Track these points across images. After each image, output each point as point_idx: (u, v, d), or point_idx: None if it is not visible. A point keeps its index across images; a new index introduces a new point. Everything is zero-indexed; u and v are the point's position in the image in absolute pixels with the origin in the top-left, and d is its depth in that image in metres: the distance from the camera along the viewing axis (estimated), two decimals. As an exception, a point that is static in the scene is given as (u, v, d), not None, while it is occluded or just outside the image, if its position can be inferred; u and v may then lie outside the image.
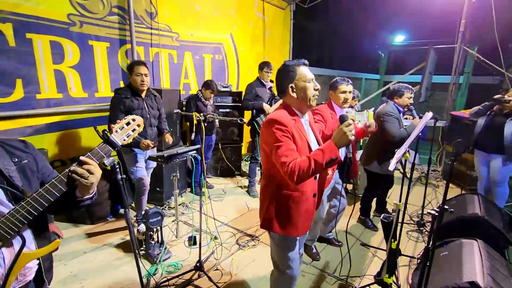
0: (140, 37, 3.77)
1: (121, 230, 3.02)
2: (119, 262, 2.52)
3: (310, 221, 1.64)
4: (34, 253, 1.00)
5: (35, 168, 1.08)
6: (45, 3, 2.91)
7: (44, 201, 0.94)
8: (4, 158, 1.00)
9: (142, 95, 2.70)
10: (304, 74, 1.48)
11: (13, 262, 0.93)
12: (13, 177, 0.98)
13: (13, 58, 2.78)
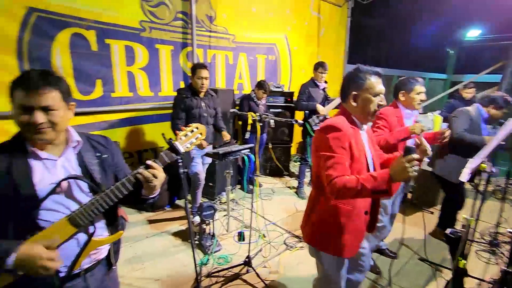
0: (200, 40, 4.00)
1: (177, 219, 3.25)
2: (175, 249, 2.72)
3: (360, 241, 1.51)
4: (102, 240, 1.12)
5: (112, 163, 1.19)
6: (122, 12, 3.27)
7: (114, 196, 1.05)
8: (88, 152, 1.13)
9: (201, 95, 2.87)
10: (373, 86, 1.36)
11: (84, 246, 1.06)
12: (94, 171, 1.10)
13: (94, 61, 3.19)
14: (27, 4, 2.71)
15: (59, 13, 2.88)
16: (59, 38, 2.92)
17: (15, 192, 0.95)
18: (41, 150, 1.02)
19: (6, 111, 2.71)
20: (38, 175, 1.00)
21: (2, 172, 0.95)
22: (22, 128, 0.98)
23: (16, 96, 0.95)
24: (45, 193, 0.98)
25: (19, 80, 0.96)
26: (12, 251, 0.88)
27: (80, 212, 1.01)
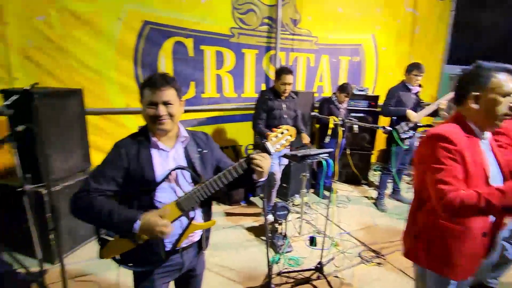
0: (283, 43, 4.09)
1: (251, 215, 3.40)
2: (248, 243, 2.86)
3: (477, 265, 1.31)
4: (199, 225, 1.28)
5: (211, 158, 1.34)
6: (216, 20, 3.59)
7: (220, 183, 1.19)
8: (192, 147, 1.29)
9: (282, 97, 2.93)
10: (501, 85, 1.16)
11: (185, 228, 1.23)
12: (195, 163, 1.26)
13: (191, 65, 3.59)
14: (143, 18, 3.22)
15: (167, 24, 3.35)
16: (164, 46, 3.39)
17: (141, 174, 1.16)
18: (159, 142, 1.22)
19: (123, 107, 3.32)
20: (157, 162, 1.20)
21: (134, 156, 1.17)
22: (148, 120, 1.19)
23: (145, 94, 1.18)
24: (161, 178, 1.17)
25: (147, 82, 1.19)
26: (138, 218, 1.08)
27: (186, 198, 1.18)
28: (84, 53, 3.02)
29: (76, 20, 2.92)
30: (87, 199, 1.11)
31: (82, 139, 2.67)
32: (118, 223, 1.08)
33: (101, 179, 1.14)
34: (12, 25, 2.68)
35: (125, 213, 1.10)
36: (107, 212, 1.08)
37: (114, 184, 1.16)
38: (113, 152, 1.19)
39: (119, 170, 1.16)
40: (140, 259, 1.20)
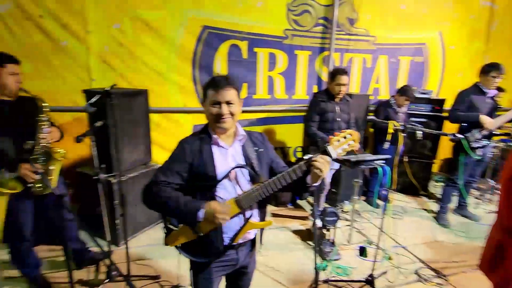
0: (338, 44, 3.96)
1: (298, 218, 3.36)
2: (294, 246, 2.83)
3: None
4: (256, 224, 1.32)
5: (266, 157, 1.38)
6: (270, 22, 3.64)
7: (279, 184, 1.21)
8: (249, 145, 1.34)
9: (336, 99, 2.84)
10: None
11: (243, 225, 1.27)
12: (253, 162, 1.30)
13: (244, 67, 3.68)
14: (203, 23, 3.41)
15: (224, 28, 3.49)
16: (221, 49, 3.53)
17: (204, 170, 1.24)
18: (219, 139, 1.29)
19: (180, 107, 3.55)
20: (217, 159, 1.27)
21: (197, 152, 1.26)
22: (211, 118, 1.27)
23: (209, 94, 1.25)
24: (221, 175, 1.23)
25: (211, 83, 1.26)
26: (202, 206, 1.17)
27: (245, 196, 1.22)
28: (150, 57, 3.30)
29: (145, 27, 3.21)
30: (156, 189, 1.22)
31: (146, 135, 2.93)
32: (184, 211, 1.17)
33: (168, 172, 1.24)
34: (93, 33, 3.06)
35: (190, 202, 1.19)
36: (174, 201, 1.18)
37: (179, 178, 1.25)
38: (178, 148, 1.28)
39: (184, 165, 1.24)
40: (200, 250, 1.28)
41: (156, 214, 3.04)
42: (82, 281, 2.27)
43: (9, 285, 2.16)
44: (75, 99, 3.11)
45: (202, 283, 1.36)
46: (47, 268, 2.33)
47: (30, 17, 2.86)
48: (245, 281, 1.52)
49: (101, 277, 2.27)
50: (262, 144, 1.39)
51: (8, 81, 1.79)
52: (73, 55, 3.04)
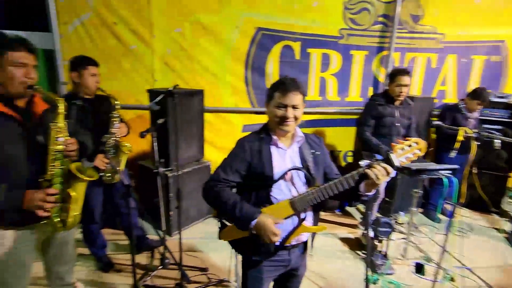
0: (398, 43, 3.69)
1: (346, 226, 3.22)
2: (341, 254, 2.72)
3: None
4: (309, 227, 1.31)
5: (322, 160, 1.37)
6: (325, 22, 3.54)
7: (335, 189, 1.20)
8: (306, 148, 1.34)
9: (396, 103, 2.65)
10: None
11: (296, 227, 1.27)
12: (309, 164, 1.30)
13: (296, 68, 3.64)
14: (257, 25, 3.46)
15: (277, 30, 3.49)
16: (273, 50, 3.55)
17: (261, 169, 1.26)
18: (279, 141, 1.31)
19: (232, 107, 3.65)
20: (275, 159, 1.29)
21: (256, 152, 1.29)
22: (274, 120, 1.28)
23: (275, 96, 1.28)
24: (278, 176, 1.24)
25: (278, 85, 1.28)
26: (256, 217, 1.19)
27: (300, 198, 1.22)
28: (206, 58, 3.46)
29: (203, 31, 3.37)
30: (217, 189, 1.27)
31: (200, 134, 3.08)
32: (239, 217, 1.21)
33: (228, 170, 1.28)
34: (157, 37, 3.32)
35: (246, 209, 1.21)
36: (231, 204, 1.22)
37: (238, 176, 1.29)
38: (238, 147, 1.32)
39: (244, 163, 1.28)
40: (252, 248, 1.31)
41: (206, 209, 3.20)
42: (139, 264, 2.47)
43: (80, 261, 2.45)
44: (139, 98, 3.41)
45: (252, 281, 1.38)
46: (110, 249, 2.59)
47: (106, 24, 3.20)
48: (295, 283, 1.51)
49: (156, 263, 2.45)
50: (319, 147, 1.39)
51: (89, 81, 2.03)
52: (140, 57, 3.33)
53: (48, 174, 1.30)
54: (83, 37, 3.22)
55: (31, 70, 1.30)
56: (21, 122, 1.29)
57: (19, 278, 1.40)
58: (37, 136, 1.33)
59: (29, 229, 1.38)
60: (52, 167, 1.30)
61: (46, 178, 1.30)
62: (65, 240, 1.64)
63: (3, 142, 1.22)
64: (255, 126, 3.77)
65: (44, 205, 1.26)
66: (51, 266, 1.64)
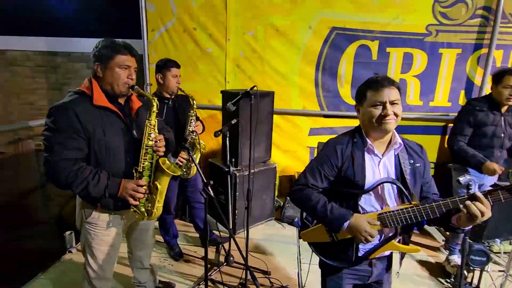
0: (502, 39, 3.12)
1: (425, 247, 2.85)
2: (420, 280, 2.41)
3: None
4: (398, 246, 1.21)
5: (422, 172, 1.21)
6: (410, 18, 3.20)
7: (426, 214, 1.08)
8: (405, 158, 1.20)
9: (503, 109, 2.22)
10: None
11: (383, 243, 1.18)
12: (406, 177, 1.16)
13: (372, 69, 3.37)
14: (332, 25, 3.31)
15: (353, 28, 3.29)
16: (348, 50, 3.35)
17: (352, 177, 1.17)
18: (374, 147, 1.19)
19: (300, 109, 3.57)
20: (368, 168, 1.19)
21: (348, 156, 1.19)
22: (370, 122, 1.16)
23: (368, 95, 1.17)
24: (369, 186, 1.15)
25: (370, 84, 1.18)
26: (349, 217, 1.13)
27: (392, 215, 1.11)
28: (276, 60, 3.46)
29: (275, 32, 3.38)
30: (306, 192, 1.22)
31: (268, 135, 3.08)
32: (331, 218, 1.15)
33: (317, 175, 1.22)
34: (231, 40, 3.44)
35: (338, 210, 1.16)
36: (322, 206, 1.17)
37: (327, 181, 1.23)
38: (329, 149, 1.23)
39: (333, 168, 1.21)
40: (332, 254, 1.27)
41: (268, 211, 3.18)
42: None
43: (155, 248, 2.66)
44: (210, 98, 3.59)
45: (330, 286, 1.33)
46: (180, 240, 2.75)
47: (187, 29, 3.46)
48: None
49: (221, 259, 2.52)
50: (420, 158, 1.23)
51: (171, 82, 2.19)
52: (215, 60, 3.51)
53: (140, 167, 1.42)
54: (167, 43, 3.53)
55: (133, 72, 1.44)
56: (122, 117, 1.44)
57: (108, 256, 1.57)
58: (134, 131, 1.47)
59: (119, 215, 1.54)
60: (143, 160, 1.42)
61: (138, 170, 1.42)
62: (146, 227, 1.78)
63: (109, 134, 1.38)
64: (322, 130, 3.65)
65: (135, 194, 1.38)
66: (133, 249, 1.81)
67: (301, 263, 2.51)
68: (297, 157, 3.68)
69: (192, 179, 2.39)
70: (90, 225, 1.48)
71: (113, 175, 1.40)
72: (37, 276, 2.26)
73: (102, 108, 1.39)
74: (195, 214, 2.59)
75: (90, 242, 1.49)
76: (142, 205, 1.46)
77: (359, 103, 1.21)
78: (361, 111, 1.21)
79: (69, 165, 1.30)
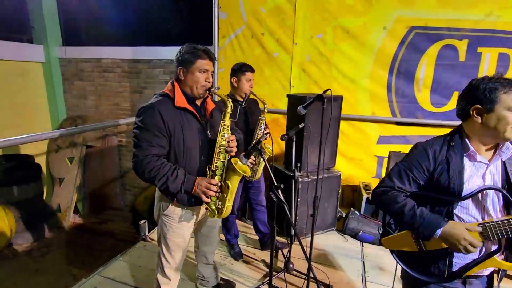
0: None
1: None
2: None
3: None
4: (500, 263, 1.08)
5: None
6: (506, 15, 2.74)
7: None
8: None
9: None
10: None
11: (483, 258, 1.07)
12: None
13: (458, 72, 2.98)
14: (410, 24, 3.03)
15: (436, 27, 2.96)
16: (429, 51, 3.02)
17: (446, 183, 1.09)
18: (477, 153, 1.10)
19: (368, 115, 3.34)
20: (467, 174, 1.09)
21: (442, 161, 1.11)
22: (504, 128, 1.03)
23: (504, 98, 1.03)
24: (467, 193, 1.04)
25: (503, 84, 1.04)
26: (443, 224, 1.04)
27: (493, 226, 1.03)
28: (345, 63, 3.31)
29: (345, 35, 3.24)
30: (392, 194, 1.16)
31: (334, 141, 2.94)
32: (420, 222, 1.07)
33: (404, 178, 1.16)
34: (298, 44, 3.41)
35: (430, 216, 1.08)
36: (410, 210, 1.10)
37: (416, 185, 1.16)
38: (419, 151, 1.16)
39: (423, 172, 1.13)
40: (420, 265, 1.17)
41: (330, 220, 3.03)
42: (263, 261, 2.57)
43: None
44: (274, 102, 3.60)
45: None
46: (239, 240, 2.80)
47: (255, 35, 3.54)
48: None
49: (279, 265, 2.49)
50: None
51: (245, 85, 2.25)
52: (281, 64, 3.52)
53: (213, 165, 1.48)
54: (235, 48, 3.67)
55: (210, 75, 1.51)
56: (198, 118, 1.52)
57: (179, 247, 1.66)
58: (208, 131, 1.54)
59: (191, 210, 1.62)
60: (216, 160, 1.47)
61: (212, 168, 1.48)
62: (214, 224, 1.85)
63: (187, 134, 1.47)
64: (394, 138, 3.34)
65: (208, 192, 1.44)
66: (200, 244, 1.89)
67: (366, 281, 2.32)
68: (363, 166, 3.46)
69: (256, 181, 2.41)
70: (166, 217, 1.59)
71: (189, 173, 1.48)
72: (116, 258, 2.53)
73: (182, 109, 1.49)
74: (256, 217, 2.61)
75: (166, 233, 1.60)
76: (213, 202, 1.52)
77: (486, 105, 1.05)
78: (486, 116, 1.06)
79: (153, 161, 1.42)
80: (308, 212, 2.70)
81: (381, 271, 2.46)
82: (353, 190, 3.55)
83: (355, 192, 3.52)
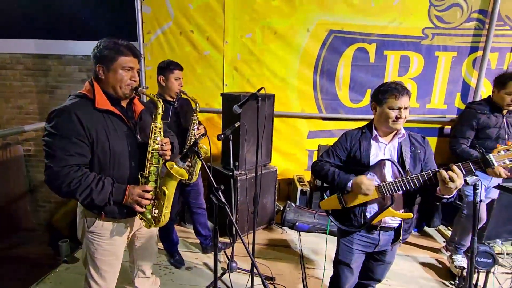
0: (497, 42, 3.19)
1: (427, 249, 2.85)
2: (425, 283, 2.39)
3: None
4: (393, 212, 1.49)
5: (423, 158, 1.52)
6: (407, 21, 3.23)
7: (411, 184, 1.40)
8: (407, 145, 1.53)
9: (504, 111, 2.25)
10: None
11: (381, 209, 1.51)
12: (406, 160, 1.48)
13: (369, 72, 3.39)
14: (329, 28, 3.32)
15: (350, 31, 3.31)
16: (346, 53, 3.36)
17: (359, 157, 1.54)
18: (380, 136, 1.54)
19: (298, 112, 3.55)
20: (373, 152, 1.55)
21: (357, 143, 1.57)
22: (384, 119, 1.48)
23: (389, 100, 1.46)
24: (372, 164, 1.52)
25: (391, 90, 1.46)
26: (351, 178, 1.50)
27: (386, 185, 1.46)
28: (275, 63, 3.44)
29: (273, 35, 3.36)
30: (322, 165, 1.63)
31: (268, 138, 3.04)
32: (338, 181, 1.53)
33: (331, 154, 1.65)
34: (229, 43, 3.41)
35: (343, 174, 1.54)
36: (331, 173, 1.56)
37: (338, 160, 1.64)
38: (342, 137, 1.65)
39: (344, 150, 1.62)
40: (345, 220, 1.61)
41: (268, 216, 3.12)
42: (206, 265, 2.51)
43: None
44: (208, 102, 3.54)
45: (343, 248, 1.66)
46: (180, 246, 2.68)
47: (184, 32, 3.40)
48: (379, 270, 1.71)
49: (223, 266, 2.46)
50: (421, 146, 1.54)
51: (173, 84, 2.14)
52: (212, 63, 3.46)
53: (146, 171, 1.36)
54: (163, 45, 3.47)
55: (136, 74, 1.39)
56: (125, 121, 1.38)
57: (111, 266, 1.50)
58: (138, 135, 1.41)
59: (124, 223, 1.47)
60: (149, 165, 1.36)
61: (144, 175, 1.36)
62: (151, 234, 1.72)
63: (113, 138, 1.31)
64: (321, 133, 3.64)
65: (141, 200, 1.32)
66: (136, 258, 1.73)
67: (305, 268, 2.47)
68: (296, 160, 3.66)
69: (194, 183, 2.33)
70: (93, 235, 1.40)
71: (117, 181, 1.34)
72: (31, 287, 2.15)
73: (104, 111, 1.33)
74: (197, 220, 2.53)
75: (93, 252, 1.42)
76: (148, 211, 1.40)
77: (378, 103, 1.51)
78: (378, 110, 1.52)
79: (72, 172, 1.23)
80: (249, 209, 2.74)
81: (316, 255, 2.66)
82: (288, 183, 3.74)
83: (290, 185, 3.72)
